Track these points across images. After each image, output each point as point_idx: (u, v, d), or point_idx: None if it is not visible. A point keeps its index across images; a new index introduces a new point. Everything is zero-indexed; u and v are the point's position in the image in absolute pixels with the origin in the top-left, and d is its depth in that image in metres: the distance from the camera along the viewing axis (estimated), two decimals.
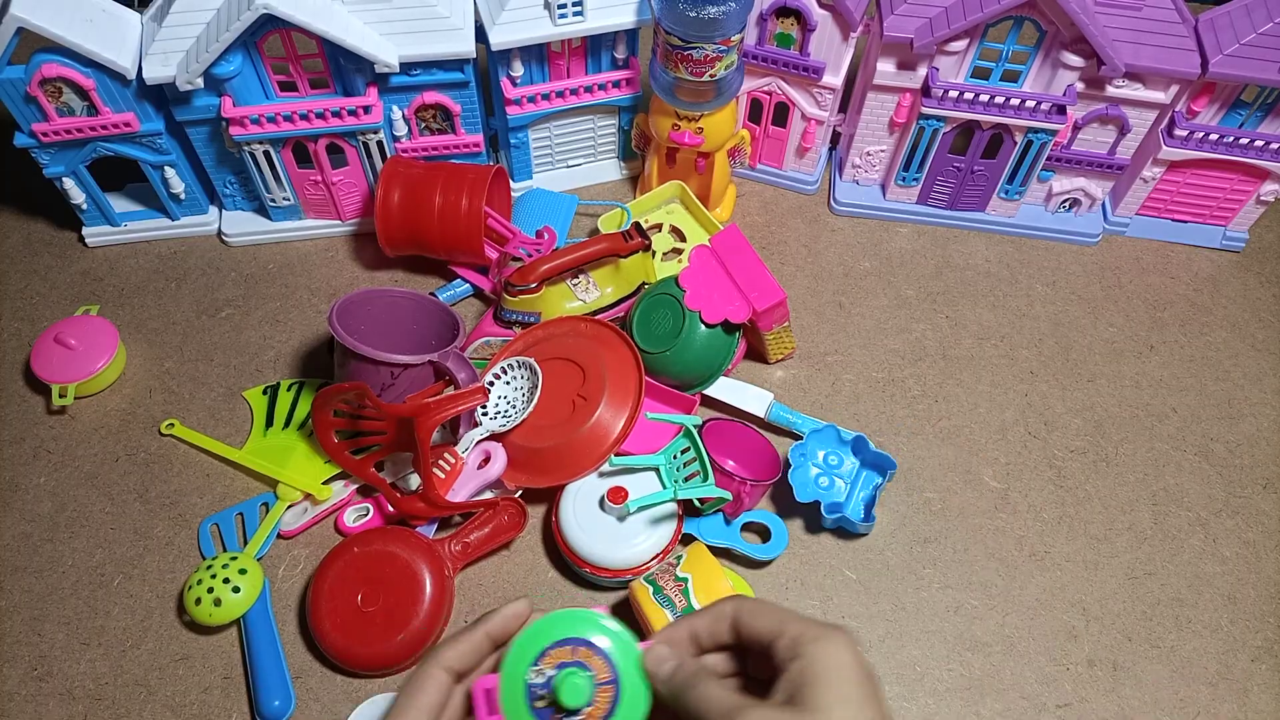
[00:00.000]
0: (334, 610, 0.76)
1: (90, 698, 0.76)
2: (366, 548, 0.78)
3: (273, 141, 0.94)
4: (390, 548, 0.77)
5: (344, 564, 0.77)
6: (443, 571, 0.78)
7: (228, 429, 0.91)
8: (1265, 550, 0.85)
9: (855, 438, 0.85)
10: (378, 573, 0.76)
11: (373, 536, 0.79)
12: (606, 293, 0.95)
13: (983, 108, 0.95)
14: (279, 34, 0.88)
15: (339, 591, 0.76)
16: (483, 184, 0.93)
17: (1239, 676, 0.78)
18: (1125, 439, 0.92)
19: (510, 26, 0.92)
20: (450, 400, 0.79)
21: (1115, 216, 1.08)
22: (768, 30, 0.96)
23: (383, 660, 0.75)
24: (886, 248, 1.07)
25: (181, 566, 0.82)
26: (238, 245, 1.06)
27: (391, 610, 0.75)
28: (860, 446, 0.85)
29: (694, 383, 0.89)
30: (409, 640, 0.75)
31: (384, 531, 0.79)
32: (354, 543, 0.78)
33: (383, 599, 0.76)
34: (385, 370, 0.81)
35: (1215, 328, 1.02)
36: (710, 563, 0.74)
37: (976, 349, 0.99)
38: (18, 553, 0.83)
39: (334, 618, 0.75)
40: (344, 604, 0.76)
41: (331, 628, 0.75)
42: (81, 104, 0.90)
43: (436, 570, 0.77)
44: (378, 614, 0.75)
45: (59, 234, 1.07)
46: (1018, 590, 0.82)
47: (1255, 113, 0.96)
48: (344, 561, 0.77)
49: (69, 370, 0.91)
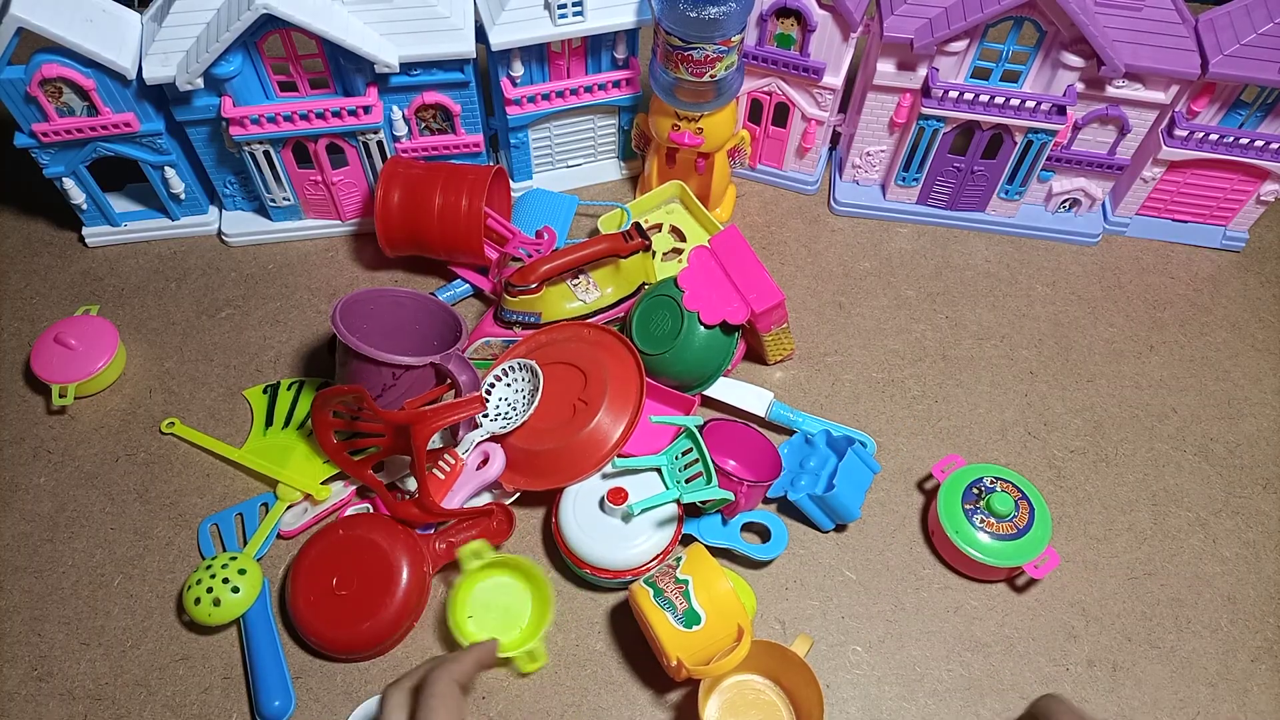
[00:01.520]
0: (309, 588, 0.77)
1: (90, 698, 0.76)
2: (351, 532, 0.79)
3: (273, 141, 0.94)
4: (373, 536, 0.78)
5: (326, 545, 0.79)
6: (421, 567, 0.78)
7: (228, 429, 0.91)
8: (1265, 550, 0.85)
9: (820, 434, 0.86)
10: (356, 559, 0.77)
11: (359, 522, 0.80)
12: (606, 293, 0.95)
13: (983, 108, 0.95)
14: (279, 34, 0.88)
15: (317, 570, 0.77)
16: (483, 184, 0.93)
17: (1239, 676, 0.78)
18: (1125, 439, 0.92)
19: (510, 26, 0.92)
20: (448, 409, 0.79)
21: (1115, 216, 1.08)
22: (768, 31, 0.96)
23: (346, 644, 0.76)
24: (886, 248, 1.07)
25: (181, 566, 0.82)
26: (238, 245, 1.06)
27: (363, 597, 0.76)
28: (831, 441, 0.86)
29: (693, 383, 0.89)
30: (375, 629, 0.76)
31: (371, 520, 0.80)
32: (340, 526, 0.80)
33: (357, 584, 0.76)
34: (387, 371, 0.81)
35: (1215, 328, 1.02)
36: (710, 564, 0.74)
37: (976, 349, 0.99)
38: (18, 553, 0.83)
39: (307, 595, 0.77)
40: (319, 583, 0.77)
41: (304, 605, 0.76)
42: (81, 104, 0.90)
43: (415, 565, 0.78)
44: (349, 599, 0.76)
45: (59, 234, 1.07)
46: (1018, 590, 0.82)
47: (1255, 113, 0.96)
48: (327, 542, 0.79)
49: (69, 370, 0.91)
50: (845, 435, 0.86)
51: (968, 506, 0.80)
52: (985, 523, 0.79)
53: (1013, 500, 0.79)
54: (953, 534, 0.79)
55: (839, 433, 0.87)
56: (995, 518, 0.79)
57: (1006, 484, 0.81)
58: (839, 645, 0.79)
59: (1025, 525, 0.78)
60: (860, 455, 0.83)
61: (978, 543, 0.78)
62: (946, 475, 0.82)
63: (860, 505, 0.82)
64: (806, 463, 0.86)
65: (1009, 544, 0.78)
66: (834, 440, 0.86)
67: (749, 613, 0.77)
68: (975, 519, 0.79)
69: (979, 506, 0.79)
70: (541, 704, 0.75)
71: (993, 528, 0.78)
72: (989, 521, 0.79)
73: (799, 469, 0.86)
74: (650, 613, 0.72)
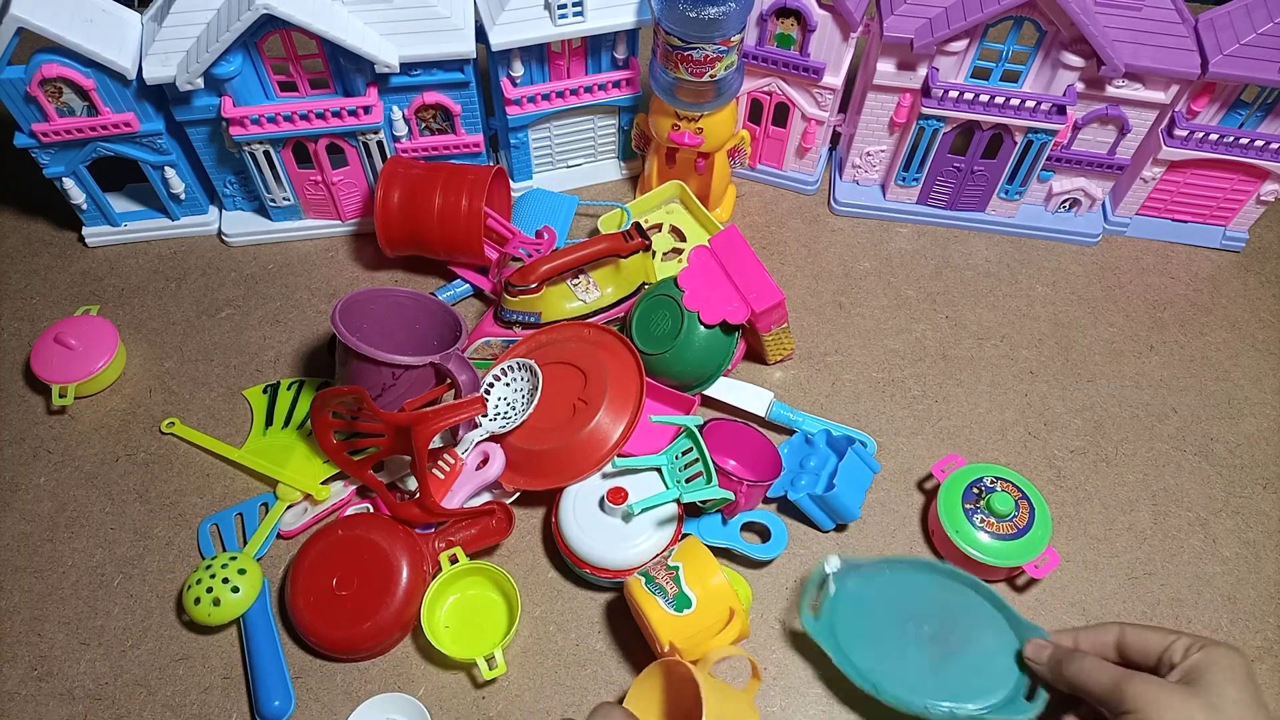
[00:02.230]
0: (309, 588, 0.77)
1: (90, 698, 0.76)
2: (350, 532, 0.79)
3: (273, 141, 0.94)
4: (373, 536, 0.78)
5: (326, 545, 0.79)
6: (421, 567, 0.78)
7: (228, 429, 0.91)
8: (1265, 550, 0.85)
9: (820, 433, 0.86)
10: (357, 559, 0.77)
11: (359, 522, 0.80)
12: (606, 293, 0.95)
13: (983, 108, 0.95)
14: (279, 34, 0.88)
15: (317, 570, 0.77)
16: (483, 184, 0.93)
17: None
18: (1125, 439, 0.92)
19: (510, 26, 0.92)
20: (449, 410, 0.79)
21: (1115, 216, 1.08)
22: (768, 31, 0.96)
23: (346, 645, 0.76)
24: (886, 248, 1.07)
25: (181, 566, 0.82)
26: (238, 245, 1.06)
27: (363, 597, 0.76)
28: (831, 441, 0.86)
29: (693, 383, 0.89)
30: (374, 629, 0.76)
31: (371, 519, 0.80)
32: (340, 525, 0.79)
33: (357, 585, 0.76)
34: (387, 370, 0.81)
35: (1215, 328, 1.02)
36: (702, 551, 0.74)
37: (976, 349, 0.99)
38: (18, 553, 0.83)
39: (308, 595, 0.77)
40: (319, 583, 0.77)
41: (304, 605, 0.76)
42: (81, 104, 0.90)
43: (415, 565, 0.77)
44: (349, 599, 0.76)
45: (59, 234, 1.07)
46: (1018, 590, 0.82)
47: (1255, 113, 0.96)
48: (327, 542, 0.79)
49: (69, 370, 0.91)
50: (845, 435, 0.86)
51: (968, 506, 0.80)
52: (985, 522, 0.79)
53: (1013, 500, 0.79)
54: (953, 533, 0.79)
55: (839, 432, 0.87)
56: (995, 517, 0.79)
57: (1007, 484, 0.81)
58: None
59: (1025, 525, 0.79)
60: (860, 455, 0.83)
61: (978, 542, 0.78)
62: (947, 475, 0.82)
63: (860, 505, 0.82)
64: (806, 462, 0.86)
65: (1009, 544, 0.78)
66: (834, 440, 0.86)
67: (744, 601, 0.77)
68: (975, 519, 0.79)
69: (979, 506, 0.79)
70: (541, 704, 0.75)
71: (993, 527, 0.79)
72: (989, 521, 0.79)
73: (799, 469, 0.86)
74: (642, 599, 0.72)
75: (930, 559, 0.80)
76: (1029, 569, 0.78)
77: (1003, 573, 0.81)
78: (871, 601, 0.74)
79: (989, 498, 0.79)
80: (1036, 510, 0.80)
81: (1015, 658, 0.70)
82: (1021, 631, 0.71)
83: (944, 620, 0.73)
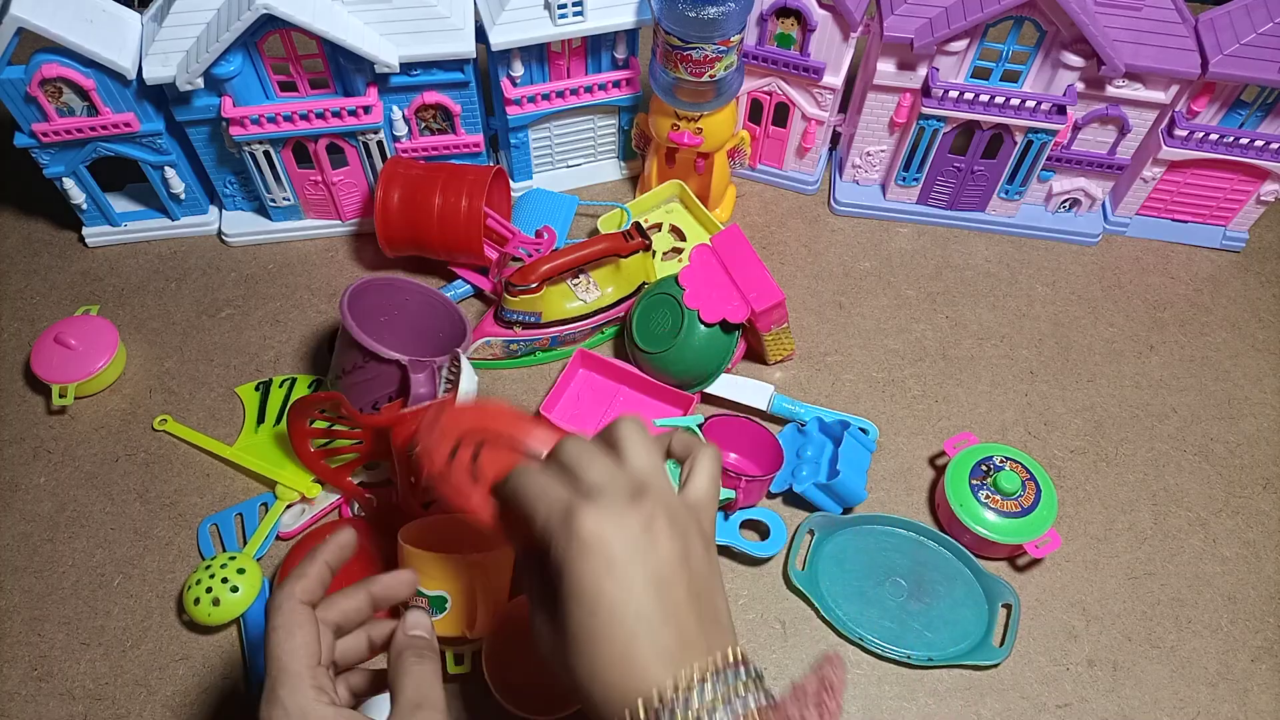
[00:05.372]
0: None
1: (90, 698, 0.76)
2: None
3: (273, 141, 0.94)
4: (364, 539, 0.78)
5: None
6: None
7: (227, 429, 0.91)
8: (1265, 550, 0.85)
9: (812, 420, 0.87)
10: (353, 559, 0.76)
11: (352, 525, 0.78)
12: (607, 293, 0.95)
13: (983, 108, 0.95)
14: (279, 34, 0.88)
15: None
16: (483, 184, 0.93)
17: (1239, 676, 0.78)
18: (1125, 439, 0.92)
19: (510, 26, 0.92)
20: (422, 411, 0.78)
21: (1115, 216, 1.08)
22: (768, 30, 0.96)
23: None
24: (886, 248, 1.07)
25: (181, 566, 0.82)
26: (238, 245, 1.06)
27: None
28: (824, 427, 0.86)
29: (693, 382, 0.89)
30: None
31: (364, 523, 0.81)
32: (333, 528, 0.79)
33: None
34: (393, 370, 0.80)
35: (1215, 328, 1.02)
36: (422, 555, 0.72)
37: (976, 349, 0.99)
38: (18, 553, 0.83)
39: None
40: None
41: None
42: (81, 104, 0.90)
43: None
44: None
45: (59, 234, 1.07)
46: (1017, 590, 0.82)
47: (1255, 113, 0.96)
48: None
49: (69, 370, 0.91)
50: (838, 419, 0.87)
51: (974, 482, 0.81)
52: (990, 499, 0.80)
53: (1019, 479, 0.80)
54: (956, 506, 0.80)
55: (831, 418, 0.87)
56: (1001, 494, 0.80)
57: (1016, 464, 0.82)
58: (839, 644, 0.79)
59: (1030, 505, 0.80)
60: (856, 438, 0.84)
61: (981, 518, 0.80)
62: (958, 451, 0.84)
63: (864, 486, 0.83)
64: (803, 452, 0.86)
65: (1012, 521, 0.79)
66: (826, 426, 0.86)
67: None
68: (981, 494, 0.80)
69: (985, 483, 0.81)
70: None
71: (997, 504, 0.80)
72: (994, 498, 0.80)
73: (796, 459, 0.86)
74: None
75: (905, 518, 0.84)
76: (1030, 548, 0.79)
77: (1004, 550, 0.82)
78: (853, 558, 0.82)
79: (996, 475, 0.80)
80: (1043, 492, 0.81)
81: (984, 608, 0.79)
82: (986, 584, 0.80)
83: (918, 574, 0.81)
